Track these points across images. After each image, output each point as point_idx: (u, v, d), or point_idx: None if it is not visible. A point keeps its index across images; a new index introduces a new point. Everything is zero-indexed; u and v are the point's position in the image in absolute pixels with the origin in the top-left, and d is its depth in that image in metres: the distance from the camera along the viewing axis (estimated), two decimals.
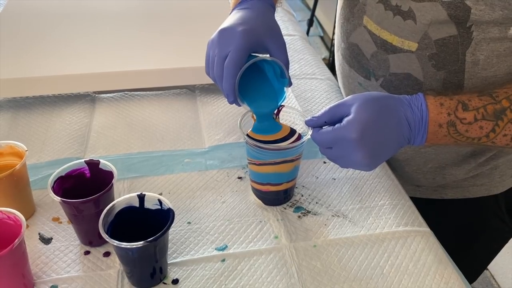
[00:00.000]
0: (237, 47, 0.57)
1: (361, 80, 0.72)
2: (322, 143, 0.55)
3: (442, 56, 0.61)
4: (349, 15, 0.70)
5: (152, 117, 0.81)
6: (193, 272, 0.56)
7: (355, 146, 0.51)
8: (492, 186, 0.74)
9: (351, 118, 0.52)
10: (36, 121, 0.79)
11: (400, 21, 0.61)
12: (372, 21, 0.65)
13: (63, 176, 0.57)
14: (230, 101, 0.60)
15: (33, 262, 0.56)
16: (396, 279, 0.55)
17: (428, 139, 0.55)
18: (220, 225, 0.62)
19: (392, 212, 0.64)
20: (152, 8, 1.04)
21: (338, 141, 0.53)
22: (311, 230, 0.61)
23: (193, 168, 0.71)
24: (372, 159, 0.53)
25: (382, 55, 0.66)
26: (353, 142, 0.51)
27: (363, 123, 0.51)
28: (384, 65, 0.67)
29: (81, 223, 0.57)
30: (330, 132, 0.54)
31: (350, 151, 0.52)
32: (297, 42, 1.06)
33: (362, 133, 0.51)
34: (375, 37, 0.66)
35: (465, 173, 0.73)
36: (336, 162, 0.57)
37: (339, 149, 0.54)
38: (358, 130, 0.51)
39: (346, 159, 0.54)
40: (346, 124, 0.52)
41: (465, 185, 0.75)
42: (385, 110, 0.53)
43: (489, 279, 1.58)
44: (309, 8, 3.05)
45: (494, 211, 0.78)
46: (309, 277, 0.55)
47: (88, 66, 0.83)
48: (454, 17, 0.57)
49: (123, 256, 0.52)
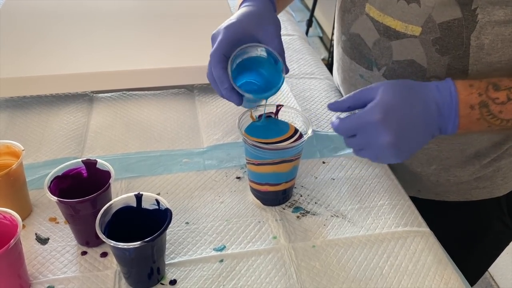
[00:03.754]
0: (220, 39, 0.61)
1: (362, 71, 0.71)
2: (345, 131, 0.53)
3: (446, 41, 0.60)
4: (350, 5, 0.70)
5: (150, 117, 0.81)
6: (191, 272, 0.55)
7: (380, 129, 0.49)
8: (495, 189, 0.74)
9: (375, 101, 0.50)
10: (34, 120, 0.79)
11: (404, 5, 0.61)
12: (375, 8, 0.65)
13: (60, 176, 0.57)
14: (224, 89, 0.60)
15: (30, 263, 0.56)
16: (395, 279, 0.55)
17: (460, 124, 0.52)
18: (218, 225, 0.61)
19: (391, 212, 0.64)
20: (150, 7, 1.04)
21: (362, 127, 0.51)
22: (310, 231, 0.61)
23: (191, 168, 0.70)
24: (400, 144, 0.50)
25: (384, 42, 0.66)
26: (377, 124, 0.49)
27: (387, 104, 0.50)
28: (387, 53, 0.66)
29: (78, 223, 0.56)
30: (353, 118, 0.52)
31: (375, 135, 0.50)
32: (296, 42, 1.06)
33: (385, 114, 0.49)
34: (378, 24, 0.65)
35: (468, 175, 0.72)
36: (363, 154, 0.54)
37: (363, 136, 0.51)
38: (382, 111, 0.49)
39: (373, 147, 0.52)
40: (369, 107, 0.50)
41: (467, 188, 0.74)
42: (412, 92, 0.52)
43: (489, 280, 1.58)
44: (308, 8, 3.05)
45: (496, 214, 0.77)
46: (308, 277, 0.55)
47: (85, 66, 0.82)
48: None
49: (120, 256, 0.51)
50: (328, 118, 0.82)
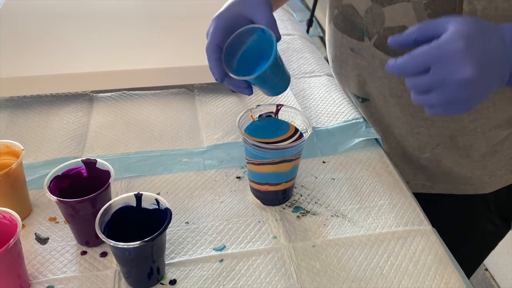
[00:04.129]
0: (211, 31, 0.60)
1: (353, 44, 0.70)
2: (416, 65, 0.46)
3: (439, 4, 0.58)
4: None
5: (150, 117, 0.80)
6: (191, 272, 0.55)
7: (461, 60, 0.44)
8: (481, 187, 0.73)
9: (453, 30, 0.45)
10: (34, 120, 0.79)
11: None
12: None
13: (59, 175, 0.57)
14: (216, 78, 0.59)
15: (29, 263, 0.55)
16: (395, 279, 0.55)
17: None
18: (218, 225, 0.61)
19: (391, 212, 0.64)
20: (150, 7, 1.04)
21: (439, 58, 0.45)
22: (310, 230, 0.61)
23: (191, 167, 0.70)
24: (479, 82, 0.45)
25: (377, 9, 0.64)
26: (459, 54, 0.44)
27: (468, 34, 0.44)
28: (378, 20, 0.65)
29: (78, 223, 0.56)
30: (427, 48, 0.45)
31: (454, 69, 0.44)
32: (296, 42, 1.06)
33: (468, 43, 0.44)
34: None
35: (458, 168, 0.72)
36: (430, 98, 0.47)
37: (439, 71, 0.45)
38: (464, 40, 0.44)
39: (447, 85, 0.45)
40: (448, 35, 0.45)
41: (454, 183, 0.74)
42: (487, 27, 0.47)
43: (489, 279, 1.57)
44: (309, 8, 3.04)
45: (484, 212, 0.76)
46: (308, 277, 0.55)
47: (85, 65, 0.82)
48: None
49: (120, 256, 0.51)
50: (328, 114, 0.81)
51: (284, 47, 1.04)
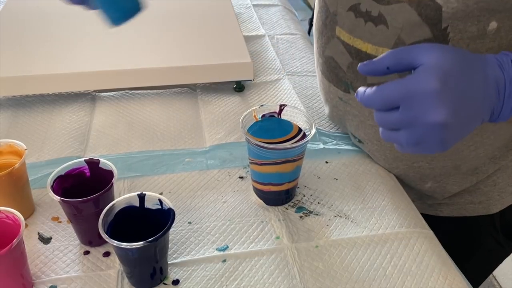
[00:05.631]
0: None
1: (340, 94, 0.68)
2: (384, 101, 0.43)
3: None
4: (322, 28, 0.67)
5: (153, 116, 0.80)
6: (194, 272, 0.55)
7: (434, 101, 0.40)
8: (491, 205, 0.71)
9: (428, 65, 0.41)
10: (36, 119, 0.79)
11: (372, 27, 0.58)
12: (345, 31, 0.62)
13: (62, 175, 0.57)
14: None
15: (32, 262, 0.55)
16: (399, 280, 0.55)
17: None
18: (221, 225, 0.61)
19: (395, 212, 0.63)
20: (153, 6, 1.04)
21: (409, 97, 0.41)
22: (313, 231, 0.61)
23: (194, 167, 0.70)
24: (453, 124, 0.41)
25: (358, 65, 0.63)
26: (431, 94, 0.40)
27: (444, 71, 0.40)
28: (361, 76, 0.62)
29: (81, 222, 0.56)
30: (397, 84, 0.41)
31: (425, 109, 0.40)
32: (298, 41, 1.06)
33: (442, 82, 0.40)
34: (349, 47, 0.62)
35: (464, 190, 0.70)
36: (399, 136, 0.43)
37: (408, 110, 0.41)
38: (438, 78, 0.40)
39: (418, 125, 0.41)
40: (421, 72, 0.41)
41: (462, 203, 0.71)
42: (470, 62, 0.42)
43: (491, 280, 1.57)
44: (311, 7, 3.04)
45: (489, 231, 0.74)
46: (311, 278, 0.55)
47: (88, 65, 0.82)
48: (425, 18, 0.53)
49: (123, 256, 0.51)
50: None
51: (287, 46, 1.04)
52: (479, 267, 0.81)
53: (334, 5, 0.63)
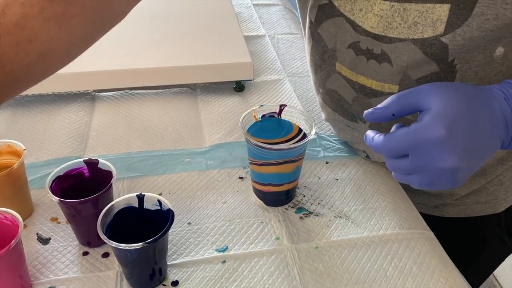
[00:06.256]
0: None
1: (347, 122, 0.67)
2: (393, 151, 0.43)
3: None
4: (320, 62, 0.65)
5: (152, 116, 0.80)
6: (193, 273, 0.55)
7: (442, 149, 0.40)
8: (497, 204, 0.70)
9: (434, 111, 0.41)
10: (35, 119, 0.78)
11: (375, 64, 0.56)
12: (346, 67, 0.60)
13: (61, 175, 0.57)
14: None
15: (31, 263, 0.55)
16: (399, 281, 0.54)
17: None
18: (221, 226, 0.61)
19: (395, 213, 0.63)
20: (152, 6, 1.04)
21: (417, 146, 0.41)
22: (313, 232, 0.60)
23: (193, 167, 0.70)
24: (463, 167, 0.41)
25: (363, 99, 0.60)
26: (439, 143, 0.40)
27: (450, 117, 0.40)
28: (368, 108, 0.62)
29: (80, 223, 0.56)
30: (405, 134, 0.42)
31: (435, 157, 0.41)
32: (299, 41, 1.05)
33: (449, 130, 0.40)
34: (352, 83, 0.60)
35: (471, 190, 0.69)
36: (412, 179, 0.44)
37: (418, 158, 0.42)
38: (446, 126, 0.40)
39: (429, 171, 0.42)
40: (428, 120, 0.41)
41: (468, 203, 0.71)
42: (475, 100, 0.42)
43: (491, 279, 1.57)
44: None
45: (495, 231, 0.74)
46: (311, 279, 0.54)
47: (88, 64, 0.82)
48: (431, 55, 0.52)
49: (122, 257, 0.51)
50: None
51: (287, 45, 1.03)
52: (483, 266, 0.80)
53: (332, 42, 0.61)
